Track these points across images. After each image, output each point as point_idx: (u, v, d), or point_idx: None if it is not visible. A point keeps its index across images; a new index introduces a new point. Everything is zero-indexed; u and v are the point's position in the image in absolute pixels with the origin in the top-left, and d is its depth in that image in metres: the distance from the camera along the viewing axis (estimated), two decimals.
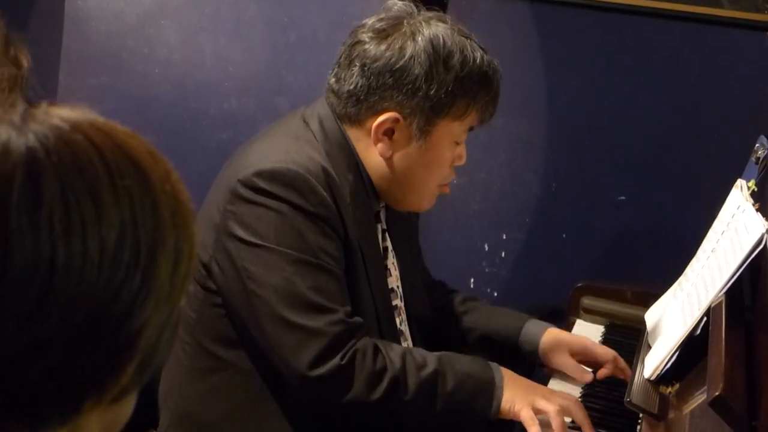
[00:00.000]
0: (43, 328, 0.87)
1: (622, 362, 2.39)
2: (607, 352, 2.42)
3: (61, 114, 0.94)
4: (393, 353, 2.02)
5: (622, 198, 3.12)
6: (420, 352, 2.07)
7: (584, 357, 2.42)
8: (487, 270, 3.26)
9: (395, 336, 2.26)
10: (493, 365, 2.12)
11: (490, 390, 2.06)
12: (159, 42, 3.40)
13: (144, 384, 0.99)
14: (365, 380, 1.97)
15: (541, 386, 2.14)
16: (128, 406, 1.01)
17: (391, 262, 2.32)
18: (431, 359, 2.05)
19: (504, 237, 3.24)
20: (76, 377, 0.91)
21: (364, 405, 1.99)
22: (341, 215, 2.07)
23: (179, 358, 2.16)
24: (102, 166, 0.91)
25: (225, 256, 2.04)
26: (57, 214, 0.87)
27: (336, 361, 1.95)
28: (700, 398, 1.76)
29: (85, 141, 0.92)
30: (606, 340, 2.60)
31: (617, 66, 3.10)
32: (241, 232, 2.02)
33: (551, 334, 2.46)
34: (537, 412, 2.05)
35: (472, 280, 3.24)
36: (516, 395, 2.06)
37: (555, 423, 2.02)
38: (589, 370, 2.39)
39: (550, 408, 2.04)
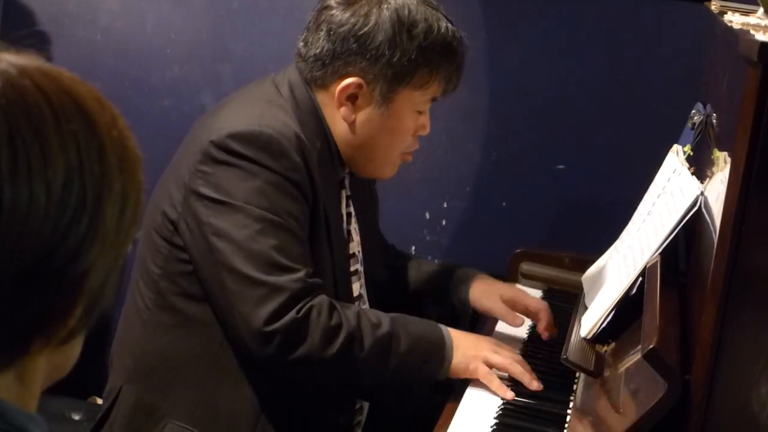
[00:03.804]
0: None
1: (549, 316, 2.40)
2: (538, 301, 2.47)
3: (9, 59, 0.95)
4: (349, 311, 2.06)
5: (561, 167, 3.15)
6: (374, 313, 2.11)
7: (514, 305, 2.45)
8: (428, 238, 3.29)
9: (350, 301, 2.29)
10: (441, 327, 2.16)
11: (440, 352, 2.10)
12: (101, 8, 3.37)
13: (90, 327, 1.00)
14: (321, 335, 1.99)
15: (486, 339, 2.20)
16: (75, 349, 1.02)
17: (354, 227, 2.36)
18: (385, 320, 2.09)
19: (445, 205, 3.27)
20: (23, 319, 0.92)
21: (319, 361, 2.01)
22: (312, 180, 2.11)
23: (140, 313, 2.18)
24: (49, 111, 0.92)
25: (191, 215, 2.06)
26: (3, 156, 0.88)
27: (292, 314, 1.97)
28: (635, 356, 1.79)
29: (32, 86, 0.93)
30: None
31: (556, 36, 3.12)
32: (208, 191, 2.04)
33: (481, 280, 2.53)
34: (491, 366, 2.11)
35: (413, 247, 3.26)
36: (466, 355, 2.11)
37: (515, 371, 2.09)
38: (521, 316, 2.42)
39: (503, 361, 2.10)
